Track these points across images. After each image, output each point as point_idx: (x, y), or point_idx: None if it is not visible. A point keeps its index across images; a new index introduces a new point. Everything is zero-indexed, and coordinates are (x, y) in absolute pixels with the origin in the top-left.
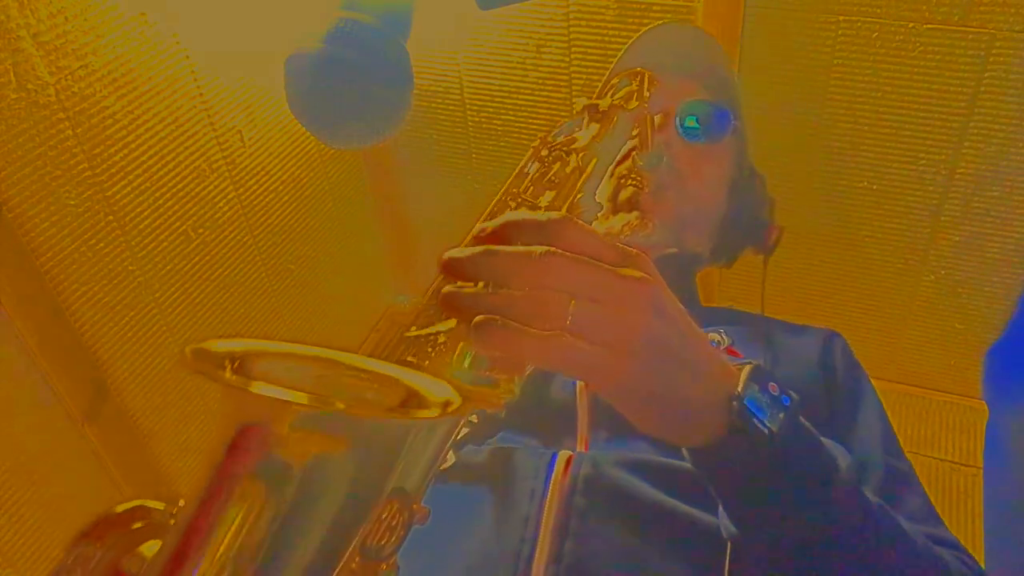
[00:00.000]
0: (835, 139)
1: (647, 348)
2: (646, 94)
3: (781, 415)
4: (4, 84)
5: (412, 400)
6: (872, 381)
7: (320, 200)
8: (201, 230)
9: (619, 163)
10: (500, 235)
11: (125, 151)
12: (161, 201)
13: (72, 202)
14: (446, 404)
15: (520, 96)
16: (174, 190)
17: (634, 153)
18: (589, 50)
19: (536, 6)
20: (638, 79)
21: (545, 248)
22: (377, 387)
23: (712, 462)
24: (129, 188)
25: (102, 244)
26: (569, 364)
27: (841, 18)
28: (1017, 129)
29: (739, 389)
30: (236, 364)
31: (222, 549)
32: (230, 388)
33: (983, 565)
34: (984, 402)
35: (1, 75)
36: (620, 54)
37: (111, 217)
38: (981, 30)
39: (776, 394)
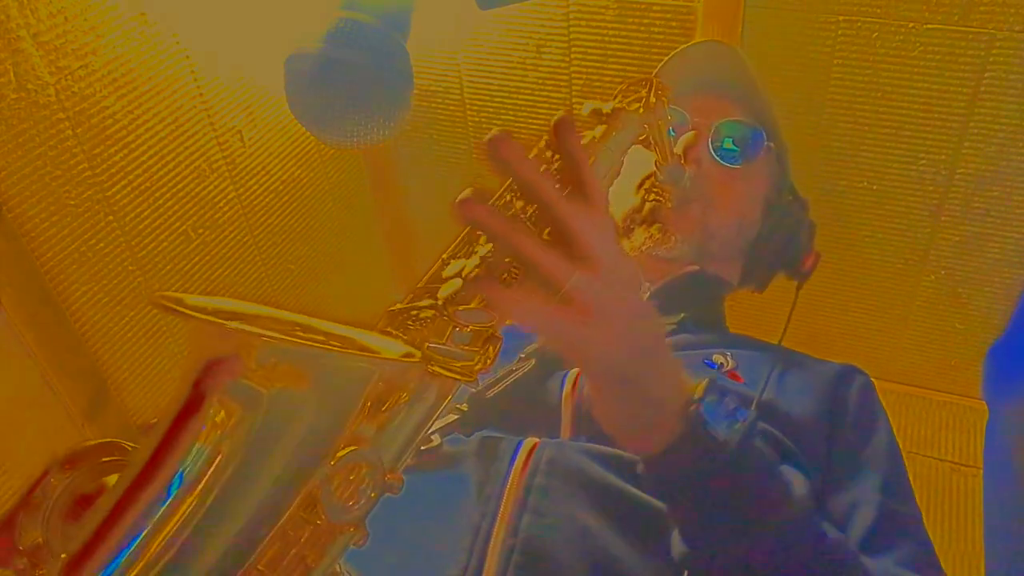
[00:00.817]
0: (835, 139)
1: (630, 325)
2: (652, 99)
3: (737, 425)
4: (4, 84)
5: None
6: (872, 381)
7: (320, 200)
8: (201, 230)
9: (643, 179)
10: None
11: (125, 151)
12: (161, 201)
13: (72, 202)
14: (406, 355)
15: (520, 96)
16: (174, 190)
17: (655, 168)
18: (589, 50)
19: (536, 6)
20: (646, 85)
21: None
22: (334, 343)
23: (663, 468)
24: (129, 188)
25: (102, 244)
26: (545, 325)
27: (841, 18)
28: (1017, 129)
29: (697, 395)
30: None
31: (177, 482)
32: (202, 326)
33: (983, 566)
34: (984, 402)
35: (1, 75)
36: (656, 69)
37: (111, 217)
38: (981, 30)
39: (731, 408)
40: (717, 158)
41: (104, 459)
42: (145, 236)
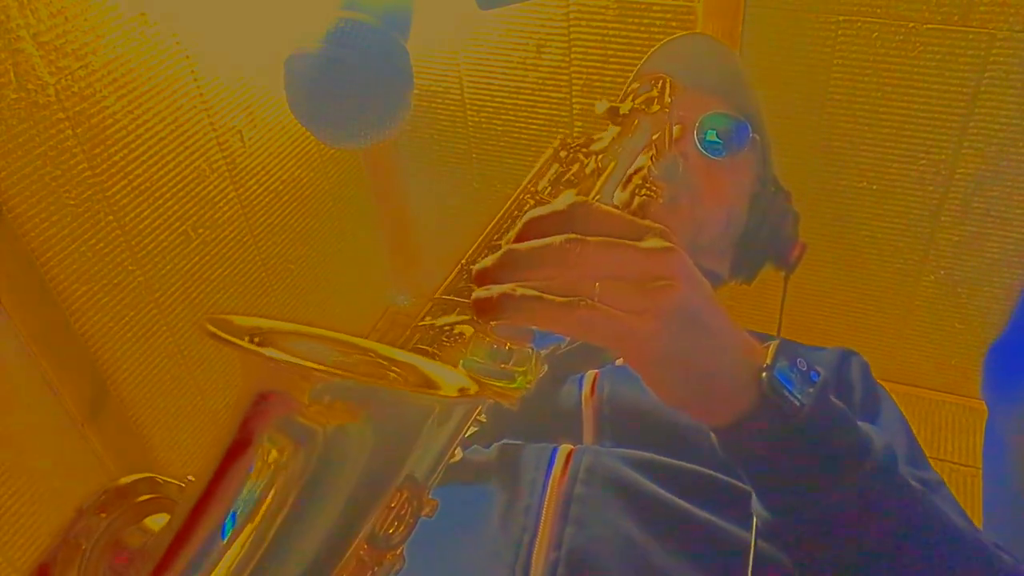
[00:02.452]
0: (835, 139)
1: (677, 314)
2: (667, 99)
3: (811, 389)
4: (4, 84)
5: (428, 387)
6: (866, 361)
7: (320, 200)
8: (201, 230)
9: (634, 173)
10: (523, 236)
11: (125, 151)
12: (161, 201)
13: (72, 202)
14: (463, 389)
15: (520, 96)
16: (174, 190)
17: (650, 162)
18: (589, 50)
19: (536, 6)
20: (659, 85)
21: (564, 236)
22: (395, 371)
23: (740, 439)
24: (129, 188)
25: (102, 244)
26: (596, 330)
27: (841, 18)
28: (1017, 129)
29: (768, 360)
30: (257, 340)
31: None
32: (250, 356)
33: None
34: (984, 402)
35: (1, 75)
36: (639, 64)
37: (111, 217)
38: (981, 30)
39: (804, 369)
40: (703, 151)
41: (141, 498)
42: (145, 236)
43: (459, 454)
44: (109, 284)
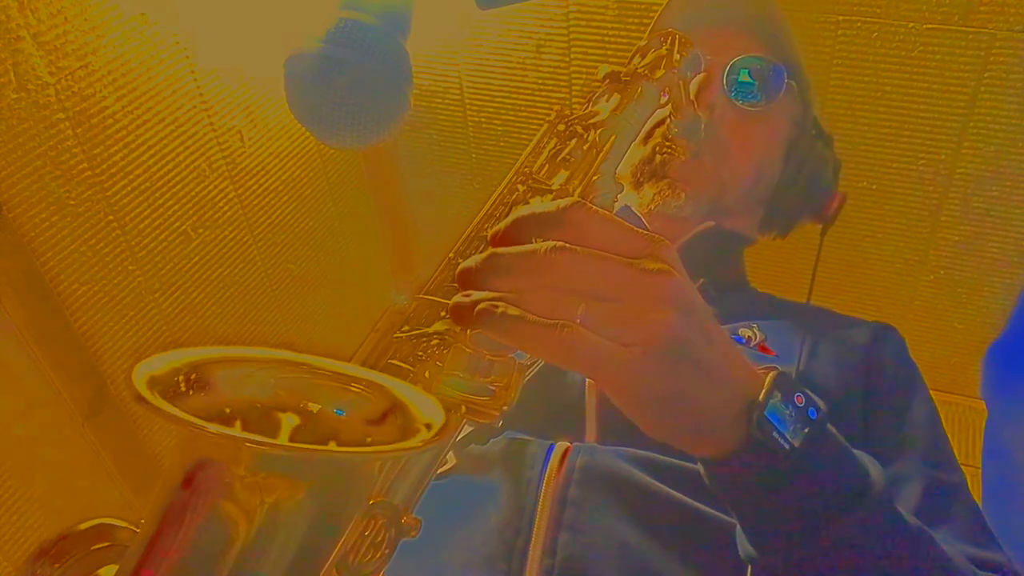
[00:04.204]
0: (835, 139)
1: (666, 348)
2: (676, 57)
3: (806, 429)
4: (4, 84)
5: (395, 412)
6: (903, 339)
7: (320, 200)
8: (201, 230)
9: (656, 126)
10: (510, 235)
11: (125, 151)
12: (161, 201)
13: (72, 202)
14: (428, 426)
15: (520, 96)
16: (174, 190)
17: (669, 119)
18: (589, 50)
19: (536, 6)
20: (668, 41)
21: (551, 244)
22: (359, 389)
23: (727, 475)
24: (129, 188)
25: (102, 244)
26: (577, 358)
27: (841, 18)
28: (1017, 129)
29: (760, 398)
30: (194, 377)
31: None
32: (183, 424)
33: None
34: (983, 401)
35: (1, 75)
36: (663, 6)
37: (111, 217)
38: (981, 30)
39: (802, 405)
40: (733, 98)
41: (95, 547)
42: (145, 236)
43: (451, 460)
44: (109, 284)
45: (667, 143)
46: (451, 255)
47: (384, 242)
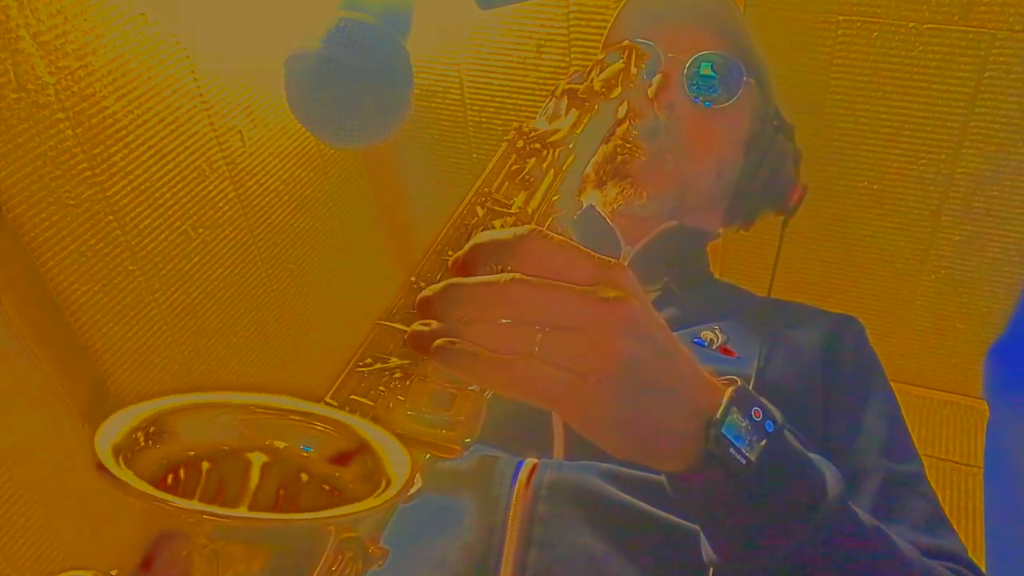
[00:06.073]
0: (835, 139)
1: (621, 375)
2: (633, 71)
3: (763, 442)
4: (4, 84)
5: (361, 452)
6: (864, 329)
7: (320, 200)
8: (201, 230)
9: (618, 124)
10: (468, 264)
11: (125, 151)
12: (161, 201)
13: (72, 202)
14: (388, 482)
15: (520, 96)
16: (174, 190)
17: (629, 120)
18: (589, 50)
19: (536, 6)
20: (626, 54)
21: (508, 276)
22: (322, 427)
23: (687, 488)
24: (129, 188)
25: (102, 244)
26: (534, 391)
27: (841, 18)
28: (1017, 129)
29: (717, 415)
30: (152, 430)
31: None
32: (145, 497)
33: (984, 565)
34: (984, 401)
35: (1, 75)
36: (620, 5)
37: (111, 217)
38: (981, 30)
39: (759, 419)
40: (693, 92)
41: None
42: (145, 236)
43: (419, 482)
44: (109, 284)
45: (627, 143)
46: (412, 278)
47: (384, 242)
